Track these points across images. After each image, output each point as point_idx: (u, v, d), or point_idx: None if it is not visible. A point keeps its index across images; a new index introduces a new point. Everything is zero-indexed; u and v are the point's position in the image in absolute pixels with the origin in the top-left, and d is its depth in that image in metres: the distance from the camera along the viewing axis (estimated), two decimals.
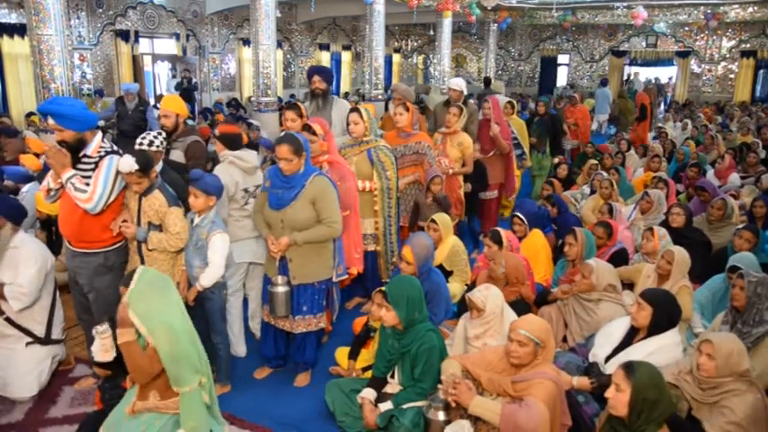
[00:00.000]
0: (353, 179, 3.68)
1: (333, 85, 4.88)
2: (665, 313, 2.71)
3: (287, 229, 3.03)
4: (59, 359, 3.34)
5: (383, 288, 2.99)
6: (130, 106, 7.36)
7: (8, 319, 3.04)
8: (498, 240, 3.80)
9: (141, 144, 3.23)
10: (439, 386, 2.54)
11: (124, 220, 3.01)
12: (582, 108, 9.33)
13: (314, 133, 3.37)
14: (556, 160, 7.51)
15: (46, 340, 3.16)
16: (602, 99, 13.30)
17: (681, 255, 3.47)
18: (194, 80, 13.46)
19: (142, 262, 3.05)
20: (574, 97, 9.84)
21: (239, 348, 3.62)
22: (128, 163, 2.85)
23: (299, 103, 3.94)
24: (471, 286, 3.67)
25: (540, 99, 7.83)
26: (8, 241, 3.03)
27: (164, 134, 3.50)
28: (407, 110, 4.46)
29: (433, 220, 4.07)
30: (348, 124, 4.00)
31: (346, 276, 3.57)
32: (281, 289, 3.08)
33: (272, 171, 3.11)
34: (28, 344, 3.11)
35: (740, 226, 4.22)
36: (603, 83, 13.82)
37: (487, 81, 12.00)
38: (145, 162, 2.91)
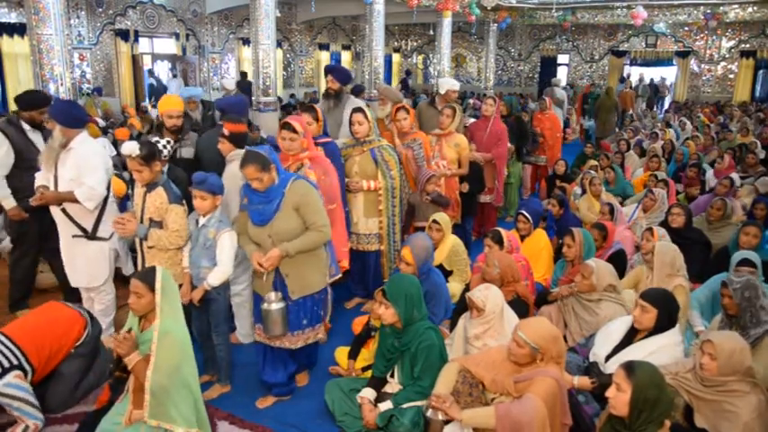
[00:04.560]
0: (335, 173, 3.65)
1: (349, 85, 4.77)
2: (667, 313, 2.72)
3: (277, 244, 2.85)
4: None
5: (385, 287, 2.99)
6: (196, 116, 5.71)
7: (64, 211, 3.39)
8: (499, 240, 3.80)
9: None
10: (430, 401, 2.52)
11: (120, 219, 3.06)
12: (552, 116, 7.71)
13: (294, 131, 3.33)
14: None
15: (92, 236, 3.47)
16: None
17: (662, 248, 3.49)
18: (156, 73, 13.48)
19: (142, 259, 3.08)
20: (543, 101, 7.91)
21: None
22: (131, 146, 2.95)
23: (314, 106, 3.91)
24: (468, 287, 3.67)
25: (503, 99, 6.97)
26: (60, 141, 3.30)
27: (172, 142, 3.59)
28: (408, 112, 4.50)
29: (435, 221, 4.07)
30: (352, 124, 3.98)
31: (339, 276, 3.51)
32: (275, 306, 2.84)
33: (247, 188, 2.88)
34: (74, 236, 3.45)
35: (743, 222, 4.23)
36: (622, 80, 15.39)
37: (243, 74, 13.49)
38: (147, 151, 2.99)
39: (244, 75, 13.47)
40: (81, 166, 3.32)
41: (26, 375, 2.68)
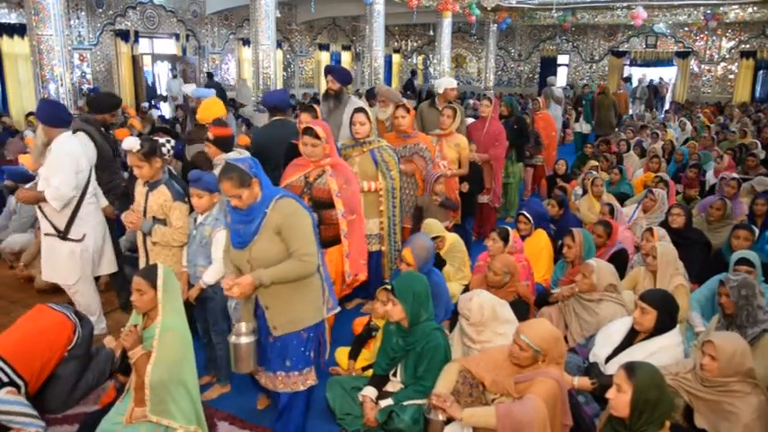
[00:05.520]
0: (357, 182, 3.57)
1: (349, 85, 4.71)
2: (667, 314, 2.72)
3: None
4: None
5: (388, 286, 2.98)
6: None
7: (40, 208, 3.47)
8: (505, 237, 3.80)
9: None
10: (430, 400, 2.52)
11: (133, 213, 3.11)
12: (545, 115, 7.68)
13: (317, 137, 3.23)
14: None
15: (64, 236, 3.50)
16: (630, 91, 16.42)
17: (664, 248, 3.51)
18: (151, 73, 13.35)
19: (146, 257, 3.11)
20: (536, 101, 7.86)
21: None
22: (131, 142, 2.98)
23: (314, 106, 3.88)
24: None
25: (502, 99, 7.08)
26: (42, 140, 3.44)
27: (172, 142, 3.59)
28: (408, 111, 4.45)
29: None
30: (353, 124, 3.95)
31: (338, 310, 2.87)
32: (244, 340, 2.47)
33: (228, 204, 2.52)
34: (46, 234, 3.52)
35: (735, 224, 4.24)
36: (627, 79, 16.33)
37: (210, 75, 13.42)
38: (148, 147, 3.02)
39: (210, 75, 13.29)
40: (51, 166, 3.37)
41: (19, 390, 2.67)
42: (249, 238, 2.44)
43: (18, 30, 10.22)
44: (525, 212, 4.45)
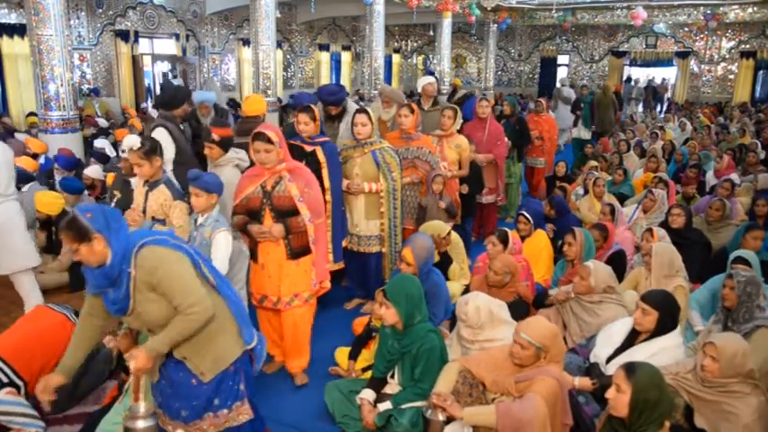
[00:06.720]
0: (317, 184, 3.32)
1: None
2: (668, 315, 2.72)
3: (158, 332, 2.16)
4: None
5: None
6: (206, 122, 5.45)
7: None
8: (504, 240, 3.80)
9: None
10: (430, 400, 2.51)
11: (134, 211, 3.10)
12: (548, 118, 7.50)
13: (270, 141, 2.99)
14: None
15: None
16: (626, 91, 16.84)
17: (659, 248, 3.51)
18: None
19: None
20: (539, 102, 7.67)
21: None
22: (132, 140, 2.97)
23: (312, 106, 3.83)
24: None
25: (504, 98, 7.10)
26: None
27: None
28: (412, 111, 4.38)
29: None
30: (355, 125, 3.92)
31: (254, 343, 2.39)
32: (141, 425, 2.10)
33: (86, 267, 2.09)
34: None
35: (747, 224, 4.22)
36: (628, 80, 17.07)
37: (164, 74, 12.92)
38: (149, 146, 3.01)
39: (165, 75, 13.01)
40: None
41: (18, 390, 2.66)
42: (125, 304, 2.08)
43: (18, 30, 10.21)
44: (525, 213, 4.44)
